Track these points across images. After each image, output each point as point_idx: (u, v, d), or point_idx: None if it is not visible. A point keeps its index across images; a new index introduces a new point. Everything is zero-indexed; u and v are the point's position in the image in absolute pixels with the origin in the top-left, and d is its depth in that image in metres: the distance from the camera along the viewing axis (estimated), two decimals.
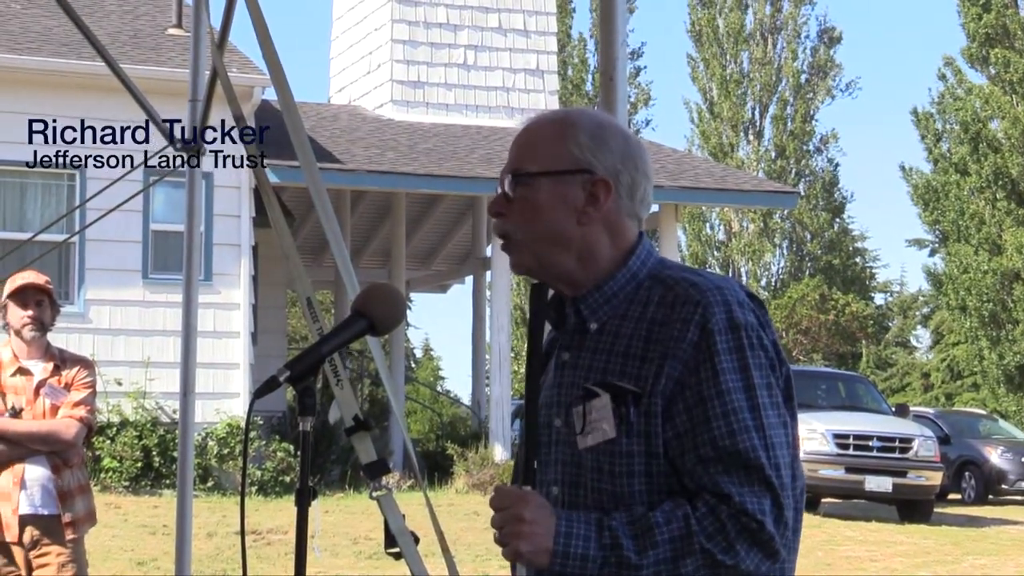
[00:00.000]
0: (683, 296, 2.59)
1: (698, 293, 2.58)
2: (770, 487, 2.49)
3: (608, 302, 2.69)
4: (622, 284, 2.69)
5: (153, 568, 12.18)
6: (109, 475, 16.12)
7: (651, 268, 2.71)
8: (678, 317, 2.57)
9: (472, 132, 21.53)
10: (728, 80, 50.10)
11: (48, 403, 6.21)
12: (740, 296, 2.61)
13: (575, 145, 2.70)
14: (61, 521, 6.14)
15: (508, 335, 19.97)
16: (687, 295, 2.59)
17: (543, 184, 2.70)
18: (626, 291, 2.69)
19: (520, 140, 2.79)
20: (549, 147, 2.72)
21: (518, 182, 2.72)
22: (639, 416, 2.56)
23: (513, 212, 2.72)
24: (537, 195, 2.70)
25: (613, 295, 2.69)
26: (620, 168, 2.70)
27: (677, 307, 2.58)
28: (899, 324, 56.55)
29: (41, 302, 6.28)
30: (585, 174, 2.68)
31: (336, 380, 3.82)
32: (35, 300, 6.26)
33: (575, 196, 2.68)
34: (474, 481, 17.99)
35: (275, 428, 17.98)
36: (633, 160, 2.73)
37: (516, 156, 2.77)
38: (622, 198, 2.71)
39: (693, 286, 2.60)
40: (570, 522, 2.52)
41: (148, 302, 17.27)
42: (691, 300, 2.58)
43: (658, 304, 2.62)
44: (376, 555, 12.90)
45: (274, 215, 4.31)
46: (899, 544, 16.17)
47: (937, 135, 43.30)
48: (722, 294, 2.58)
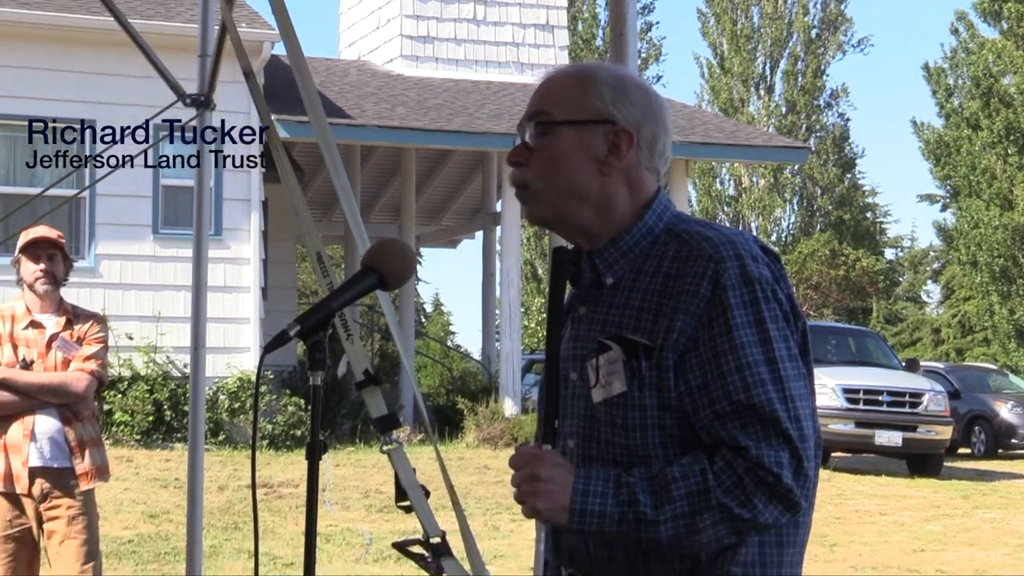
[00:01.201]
0: (696, 250, 2.59)
1: (711, 247, 2.58)
2: (788, 440, 2.49)
3: (624, 256, 2.69)
4: (638, 238, 2.69)
5: (165, 521, 12.25)
6: (121, 429, 16.18)
7: (667, 222, 2.71)
8: (691, 271, 2.57)
9: (482, 87, 21.48)
10: (739, 35, 49.89)
11: (60, 356, 6.24)
12: (754, 250, 2.61)
13: (598, 97, 2.70)
14: (71, 474, 6.17)
15: (518, 290, 19.98)
16: (700, 249, 2.59)
17: (565, 133, 2.69)
18: (642, 245, 2.69)
19: (541, 91, 2.78)
20: (572, 98, 2.72)
21: (540, 131, 2.71)
22: (651, 370, 2.57)
23: (533, 161, 2.72)
24: (559, 144, 2.69)
25: (629, 249, 2.69)
26: (641, 121, 2.71)
27: (690, 261, 2.58)
28: (910, 279, 56.48)
29: (54, 256, 6.30)
30: (607, 124, 2.69)
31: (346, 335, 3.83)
32: (47, 254, 6.28)
33: (597, 146, 2.68)
34: (484, 435, 18.04)
35: (286, 382, 18.03)
36: (654, 113, 2.73)
37: (538, 106, 2.75)
38: (642, 150, 2.71)
39: (706, 240, 2.60)
40: (587, 480, 2.54)
41: (158, 257, 17.29)
42: (704, 254, 2.57)
43: (672, 258, 2.61)
44: (387, 508, 12.97)
45: (284, 170, 4.31)
46: (908, 498, 16.22)
47: (949, 90, 43.13)
48: (735, 248, 2.58)
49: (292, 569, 10.45)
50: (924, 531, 13.86)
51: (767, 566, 2.60)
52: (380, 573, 10.56)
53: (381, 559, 11.02)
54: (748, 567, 2.58)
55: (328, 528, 12.10)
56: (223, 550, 11.23)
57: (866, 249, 49.25)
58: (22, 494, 6.14)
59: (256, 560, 3.22)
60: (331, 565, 10.76)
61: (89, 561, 6.21)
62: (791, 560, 2.64)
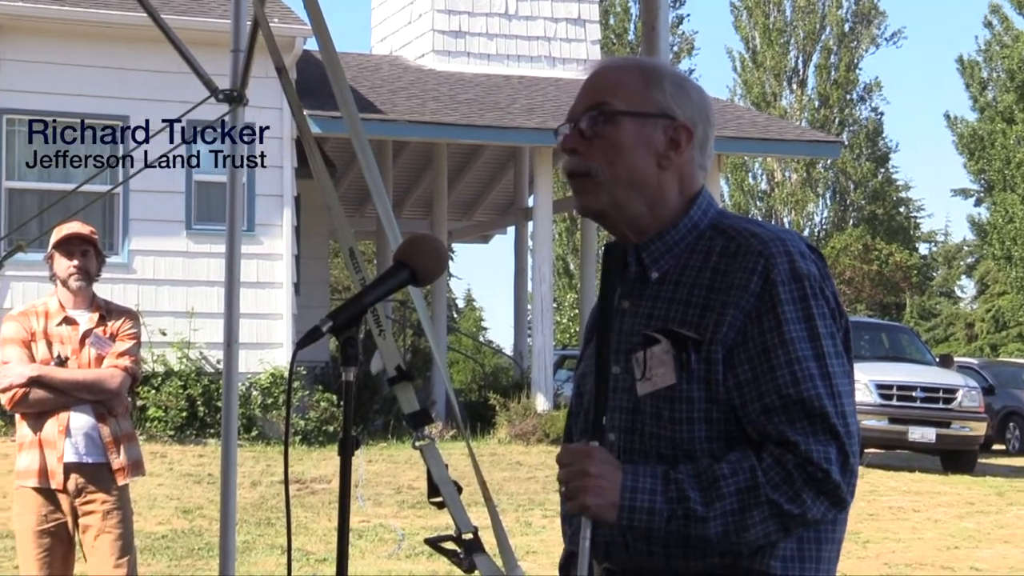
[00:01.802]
0: (745, 246, 2.61)
1: (760, 243, 2.60)
2: (836, 435, 2.50)
3: (670, 251, 2.70)
4: (684, 233, 2.71)
5: (198, 516, 12.29)
6: (154, 424, 16.24)
7: (712, 218, 2.73)
8: (740, 267, 2.58)
9: (513, 82, 21.47)
10: (771, 29, 49.76)
11: (93, 352, 6.26)
12: (801, 247, 2.63)
13: (660, 91, 2.72)
14: (106, 469, 6.20)
15: (550, 285, 19.96)
16: (749, 245, 2.60)
17: (628, 124, 2.70)
18: (687, 240, 2.70)
19: (599, 81, 2.78)
20: (635, 91, 2.73)
21: (602, 119, 2.71)
22: (700, 363, 2.57)
23: (593, 150, 2.72)
24: (621, 135, 2.70)
25: (675, 244, 2.70)
26: (697, 119, 2.74)
27: (739, 257, 2.60)
28: (943, 274, 56.23)
29: (87, 252, 6.32)
30: (668, 119, 2.71)
31: (379, 330, 3.83)
32: (80, 250, 6.30)
33: (657, 140, 2.70)
34: (516, 431, 18.03)
35: (318, 378, 18.06)
36: (707, 113, 2.78)
37: (596, 95, 2.75)
38: (696, 148, 2.75)
39: (755, 236, 2.62)
40: (636, 476, 2.54)
41: (192, 252, 17.35)
42: (753, 250, 2.59)
43: (720, 254, 2.63)
44: (419, 504, 12.98)
45: (316, 165, 4.30)
46: (942, 495, 16.14)
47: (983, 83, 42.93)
48: (784, 245, 2.60)
49: (325, 565, 10.47)
50: (958, 528, 13.79)
51: (805, 561, 2.61)
52: (412, 569, 10.57)
53: (413, 555, 11.03)
54: (787, 562, 2.59)
55: (361, 524, 12.12)
56: (256, 546, 11.26)
57: (899, 244, 49.09)
58: (57, 490, 6.17)
59: (289, 556, 3.22)
60: (363, 561, 10.77)
61: (124, 556, 6.24)
62: (828, 556, 2.65)
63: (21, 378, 6.12)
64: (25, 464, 6.19)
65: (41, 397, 6.13)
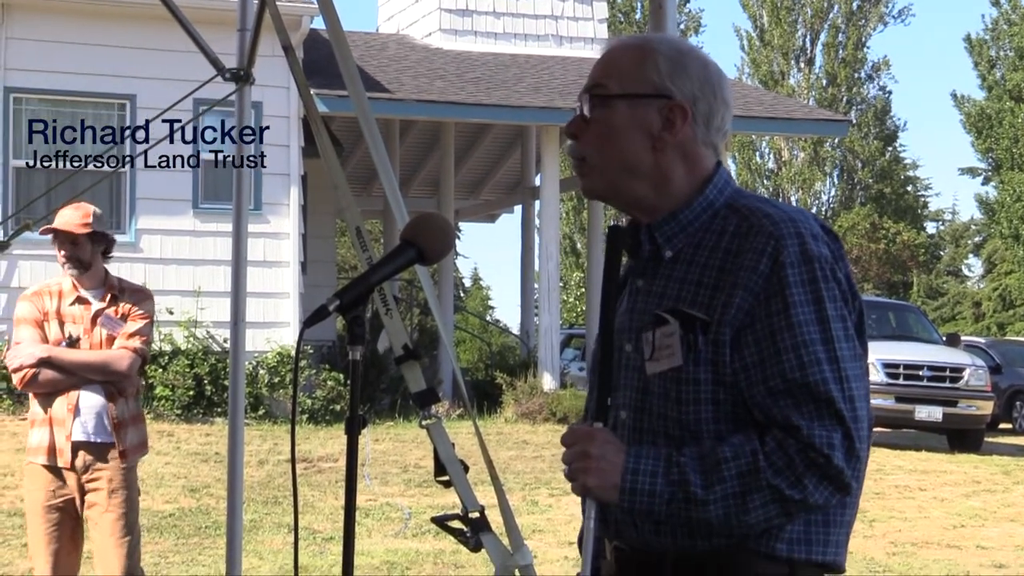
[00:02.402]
0: (757, 227, 2.58)
1: (771, 224, 2.57)
2: (841, 420, 2.48)
3: (684, 230, 2.69)
4: (698, 213, 2.69)
5: (205, 495, 12.31)
6: (162, 403, 16.27)
7: (728, 197, 2.71)
8: (751, 247, 2.56)
9: (521, 61, 21.44)
10: (779, 7, 49.63)
11: (104, 333, 6.27)
12: (814, 228, 2.60)
13: (654, 70, 2.69)
14: (113, 448, 6.22)
15: (557, 264, 19.96)
16: (761, 226, 2.58)
17: (620, 107, 2.69)
18: (702, 220, 2.68)
19: (601, 63, 2.77)
20: (629, 71, 2.71)
21: (595, 103, 2.71)
22: (707, 344, 2.56)
23: (588, 135, 2.72)
24: (614, 118, 2.69)
25: (688, 223, 2.69)
26: (698, 95, 2.70)
27: (750, 238, 2.57)
28: (951, 253, 56.17)
29: (76, 240, 6.31)
30: (663, 99, 2.68)
31: (385, 309, 3.83)
32: (70, 240, 6.30)
33: (651, 121, 2.68)
34: (523, 410, 18.05)
35: (325, 357, 18.08)
36: (712, 87, 2.72)
37: (596, 77, 2.75)
38: (699, 125, 2.70)
39: (767, 217, 2.59)
40: (638, 458, 2.54)
41: (198, 231, 17.35)
42: (764, 231, 2.56)
43: (732, 234, 2.61)
44: (426, 483, 13.00)
45: (323, 144, 4.30)
46: (949, 473, 16.14)
47: (991, 62, 42.82)
48: (796, 226, 2.57)
49: (331, 544, 10.49)
50: (964, 507, 13.80)
51: (812, 544, 2.60)
52: (419, 547, 10.59)
53: (420, 534, 11.05)
54: (793, 544, 2.59)
55: (367, 503, 12.14)
56: (263, 524, 11.29)
57: (907, 223, 49.03)
58: (64, 467, 6.19)
59: (296, 534, 3.23)
60: (370, 539, 10.79)
61: (127, 535, 6.25)
62: (836, 539, 2.64)
63: (31, 359, 6.15)
64: (36, 441, 6.23)
65: (50, 378, 6.15)
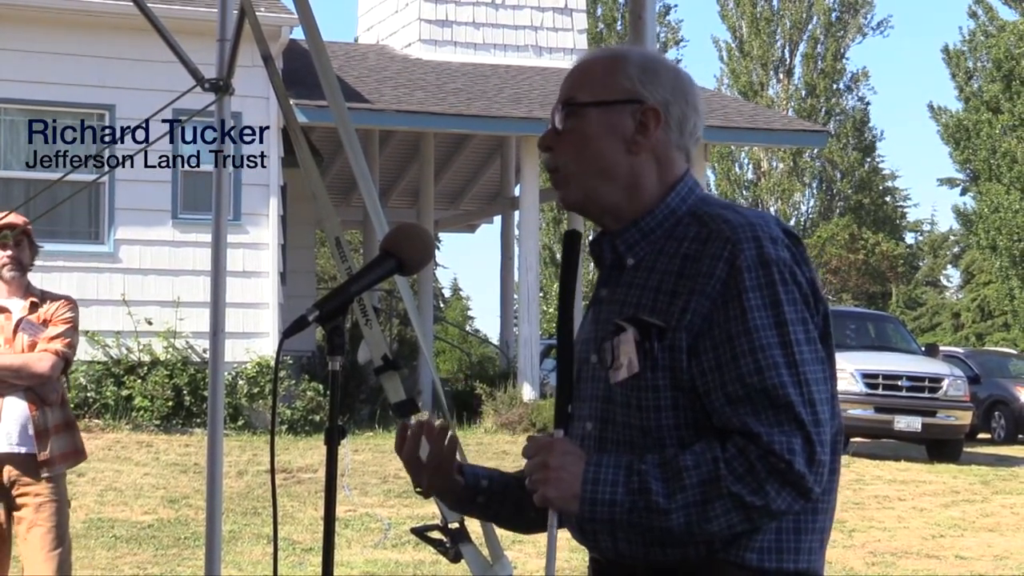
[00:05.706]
0: (715, 232, 2.57)
1: (729, 229, 2.56)
2: (801, 425, 2.45)
3: (645, 238, 2.68)
4: (660, 220, 2.68)
5: (184, 506, 12.29)
6: (141, 414, 16.22)
7: (691, 205, 2.70)
8: (708, 253, 2.55)
9: (500, 71, 21.45)
10: (758, 18, 49.80)
11: (26, 339, 6.20)
12: (774, 232, 2.58)
13: (625, 77, 2.70)
14: (37, 459, 6.16)
15: (536, 275, 19.96)
16: (719, 231, 2.57)
17: (593, 114, 2.69)
18: (664, 227, 2.68)
19: (572, 76, 2.78)
20: (600, 79, 2.72)
21: (568, 112, 2.72)
22: (663, 351, 2.55)
23: (563, 145, 2.72)
24: (587, 126, 2.70)
25: (651, 231, 2.68)
26: (670, 100, 2.70)
27: (709, 243, 2.56)
28: (929, 263, 56.36)
29: (20, 242, 6.28)
30: (635, 103, 2.68)
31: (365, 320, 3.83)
32: (15, 240, 6.26)
33: (625, 125, 2.68)
34: (503, 420, 18.05)
35: (304, 367, 18.05)
36: (683, 93, 2.73)
37: (567, 89, 2.76)
38: (672, 130, 2.71)
39: (726, 222, 2.58)
40: (599, 468, 2.53)
41: (178, 242, 17.31)
42: (722, 236, 2.56)
43: (692, 240, 2.60)
44: (405, 493, 12.98)
45: (303, 155, 4.31)
46: (928, 483, 16.19)
47: (968, 73, 43.01)
48: (754, 230, 2.55)
49: (311, 555, 10.48)
50: (943, 517, 13.83)
51: (783, 552, 2.58)
52: (399, 558, 10.58)
53: (400, 544, 11.04)
54: (764, 553, 2.57)
55: (347, 513, 12.13)
56: (242, 535, 11.26)
57: (886, 233, 49.20)
58: None
59: (275, 545, 3.22)
60: (350, 550, 10.78)
61: (57, 547, 6.17)
62: (809, 547, 2.62)
63: None
64: None
65: None
